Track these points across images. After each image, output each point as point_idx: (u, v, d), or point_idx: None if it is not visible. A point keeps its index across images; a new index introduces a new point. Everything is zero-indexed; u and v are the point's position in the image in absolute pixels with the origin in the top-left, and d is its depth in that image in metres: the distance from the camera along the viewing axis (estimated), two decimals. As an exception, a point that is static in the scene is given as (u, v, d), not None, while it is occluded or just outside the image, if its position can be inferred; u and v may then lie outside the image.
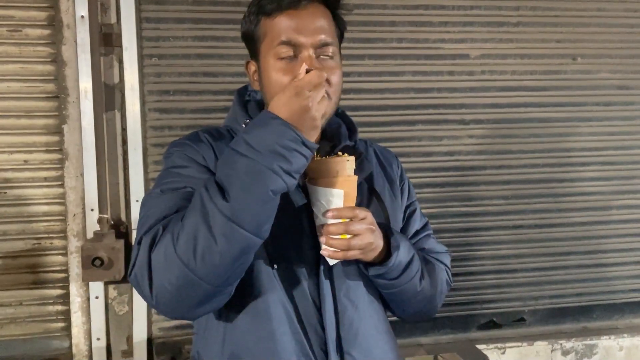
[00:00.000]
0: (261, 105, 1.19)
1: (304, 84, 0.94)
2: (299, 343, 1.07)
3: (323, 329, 1.08)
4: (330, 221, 1.02)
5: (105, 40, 2.11)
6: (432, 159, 2.38)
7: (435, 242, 1.30)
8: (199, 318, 1.10)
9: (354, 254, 1.03)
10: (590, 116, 2.52)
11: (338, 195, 1.01)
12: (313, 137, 0.96)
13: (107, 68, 2.13)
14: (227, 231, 0.90)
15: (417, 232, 1.28)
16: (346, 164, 1.03)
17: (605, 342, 2.57)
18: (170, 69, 2.16)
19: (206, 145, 1.12)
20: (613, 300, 2.62)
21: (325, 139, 1.17)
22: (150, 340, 2.21)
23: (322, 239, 1.02)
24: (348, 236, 1.02)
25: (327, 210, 1.02)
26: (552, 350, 2.53)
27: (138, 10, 2.10)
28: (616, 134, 2.55)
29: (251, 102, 1.21)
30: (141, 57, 2.13)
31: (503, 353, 2.48)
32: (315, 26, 1.07)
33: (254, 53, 1.13)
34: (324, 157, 1.05)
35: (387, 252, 1.10)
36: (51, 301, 2.17)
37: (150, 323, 2.21)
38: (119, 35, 2.09)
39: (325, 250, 1.03)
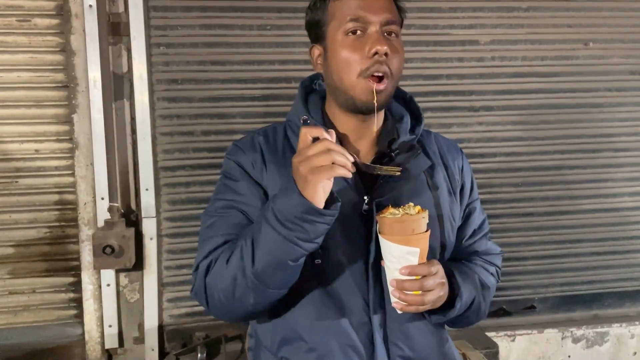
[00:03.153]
0: (323, 97, 1.22)
1: (301, 146, 0.97)
2: (345, 333, 1.11)
3: (370, 319, 1.12)
4: (405, 277, 1.03)
5: (114, 30, 2.12)
6: (441, 147, 2.36)
7: (490, 243, 1.32)
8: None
9: (425, 308, 1.06)
10: (602, 102, 2.49)
11: (414, 253, 1.02)
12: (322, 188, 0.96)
13: (115, 57, 2.14)
14: (256, 286, 1.03)
15: (474, 232, 1.28)
16: (422, 221, 1.03)
17: (616, 330, 2.56)
18: (179, 57, 2.16)
19: (257, 152, 1.18)
20: (625, 287, 2.60)
21: (386, 131, 1.18)
22: (161, 327, 2.24)
23: (395, 293, 1.05)
24: (420, 291, 1.04)
25: (402, 267, 1.03)
26: (562, 338, 2.52)
27: (146, -1, 2.11)
28: (628, 120, 2.52)
29: (313, 95, 1.23)
30: (149, 46, 2.13)
31: (513, 340, 2.48)
32: (382, 5, 1.11)
33: (319, 37, 1.16)
34: (397, 212, 1.04)
35: (451, 293, 1.13)
36: (63, 289, 2.20)
37: (161, 310, 2.23)
38: (127, 24, 2.09)
39: (397, 304, 1.05)
